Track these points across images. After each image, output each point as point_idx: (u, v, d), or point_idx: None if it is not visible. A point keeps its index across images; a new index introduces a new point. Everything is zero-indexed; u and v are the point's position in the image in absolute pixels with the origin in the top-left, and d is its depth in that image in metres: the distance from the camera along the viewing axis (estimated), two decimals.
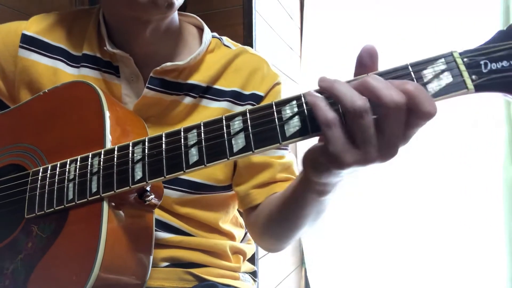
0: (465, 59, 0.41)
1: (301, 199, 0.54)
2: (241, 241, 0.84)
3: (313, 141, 0.47)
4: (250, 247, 0.84)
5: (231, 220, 0.80)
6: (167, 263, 0.70)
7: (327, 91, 0.41)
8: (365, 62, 0.43)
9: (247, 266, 0.83)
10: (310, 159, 0.45)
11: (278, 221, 0.63)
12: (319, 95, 0.42)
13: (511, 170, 1.50)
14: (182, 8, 0.76)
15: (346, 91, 0.39)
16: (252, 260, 1.06)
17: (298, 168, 0.75)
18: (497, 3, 1.52)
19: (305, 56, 1.84)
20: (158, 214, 0.69)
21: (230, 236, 0.79)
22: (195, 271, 0.71)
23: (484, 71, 0.41)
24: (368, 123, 0.39)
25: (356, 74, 0.44)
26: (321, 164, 0.43)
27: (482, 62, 0.41)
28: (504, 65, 0.41)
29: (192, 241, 0.72)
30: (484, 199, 1.53)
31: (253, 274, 0.85)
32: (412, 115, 0.39)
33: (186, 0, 0.80)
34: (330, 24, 1.79)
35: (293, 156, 0.75)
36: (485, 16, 1.52)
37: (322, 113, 0.40)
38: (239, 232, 0.82)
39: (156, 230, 0.68)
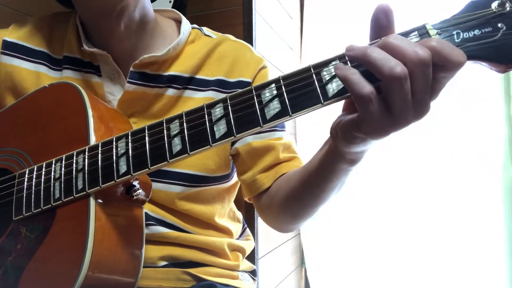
0: (437, 30, 0.42)
1: (329, 171, 0.51)
2: (239, 237, 0.83)
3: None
4: (248, 244, 0.83)
5: (228, 214, 0.80)
6: (165, 262, 0.70)
7: (358, 60, 0.39)
8: (382, 23, 0.41)
9: (246, 265, 0.82)
10: (341, 132, 0.43)
11: (300, 198, 0.61)
12: (348, 67, 0.39)
13: (511, 170, 1.48)
14: (182, 9, 0.76)
15: (382, 58, 0.37)
16: (252, 259, 1.05)
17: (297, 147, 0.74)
18: None
19: (305, 56, 1.83)
20: (154, 211, 0.68)
21: (227, 232, 0.78)
22: (193, 271, 0.70)
23: (457, 40, 0.41)
24: (407, 89, 0.37)
25: (372, 38, 0.42)
26: (356, 137, 0.42)
27: (454, 32, 0.42)
28: (476, 33, 0.41)
29: (189, 237, 0.71)
30: (484, 199, 1.51)
31: (253, 273, 0.84)
32: (440, 68, 0.38)
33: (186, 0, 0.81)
34: (330, 24, 1.77)
35: (290, 136, 0.74)
36: None
37: (357, 88, 0.38)
38: (236, 227, 0.81)
39: (152, 225, 0.68)
